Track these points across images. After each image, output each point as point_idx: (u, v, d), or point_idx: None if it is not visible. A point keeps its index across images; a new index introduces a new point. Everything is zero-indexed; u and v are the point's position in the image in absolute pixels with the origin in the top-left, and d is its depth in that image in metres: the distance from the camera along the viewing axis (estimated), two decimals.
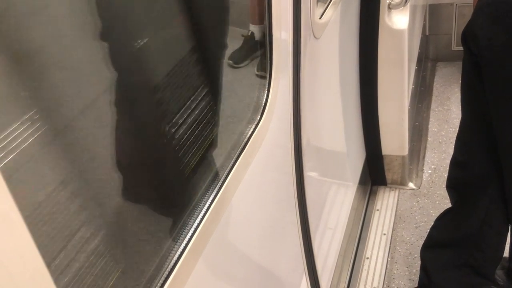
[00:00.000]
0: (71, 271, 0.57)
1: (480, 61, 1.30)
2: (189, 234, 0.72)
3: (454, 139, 1.55)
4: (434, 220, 1.68)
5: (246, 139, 0.91)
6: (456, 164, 1.55)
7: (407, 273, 1.93)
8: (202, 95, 0.88)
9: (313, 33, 1.26)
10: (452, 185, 1.58)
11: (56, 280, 0.45)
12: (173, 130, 0.78)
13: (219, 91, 0.96)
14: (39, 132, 0.58)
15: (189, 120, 0.82)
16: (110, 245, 0.65)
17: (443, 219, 1.64)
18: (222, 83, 0.97)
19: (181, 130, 0.80)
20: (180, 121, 0.80)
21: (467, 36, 1.33)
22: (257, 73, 1.04)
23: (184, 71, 0.84)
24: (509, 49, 1.22)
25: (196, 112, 0.85)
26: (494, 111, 1.33)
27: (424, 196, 2.26)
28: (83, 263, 0.59)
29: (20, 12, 0.55)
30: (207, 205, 0.76)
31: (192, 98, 0.84)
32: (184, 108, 0.81)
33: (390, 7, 1.87)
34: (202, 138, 0.86)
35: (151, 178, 0.73)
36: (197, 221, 0.74)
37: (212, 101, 0.91)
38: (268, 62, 0.99)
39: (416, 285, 1.77)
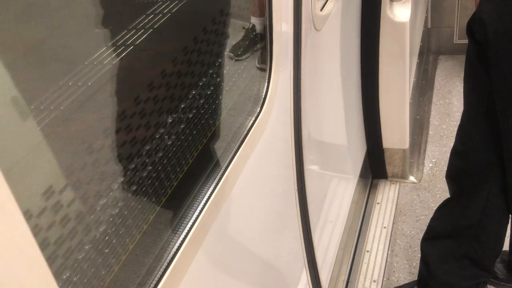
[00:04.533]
0: (70, 263, 0.57)
1: (486, 49, 1.29)
2: (188, 226, 0.72)
3: (456, 132, 1.55)
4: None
5: (246, 131, 0.90)
6: (456, 154, 1.55)
7: (407, 266, 1.93)
8: (204, 86, 0.87)
9: (314, 25, 1.25)
10: (452, 175, 1.58)
11: (54, 272, 0.45)
12: (173, 122, 0.78)
13: (221, 81, 0.96)
14: (39, 126, 0.58)
15: (190, 111, 0.82)
16: (109, 237, 0.65)
17: (442, 211, 1.64)
18: (223, 74, 0.97)
19: (181, 122, 0.80)
20: (181, 112, 0.80)
21: (473, 25, 1.32)
22: (258, 65, 1.03)
23: (186, 61, 0.83)
24: None
25: (197, 103, 0.85)
26: (499, 101, 1.33)
27: (424, 190, 2.26)
28: (82, 256, 0.59)
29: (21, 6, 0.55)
30: (206, 197, 0.76)
31: (193, 88, 0.84)
32: (185, 99, 0.81)
33: None
34: (202, 130, 0.85)
35: (150, 171, 0.73)
36: (196, 213, 0.74)
37: (213, 92, 0.91)
38: (269, 54, 0.98)
39: (416, 278, 1.78)
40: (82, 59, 0.65)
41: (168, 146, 0.76)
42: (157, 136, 0.74)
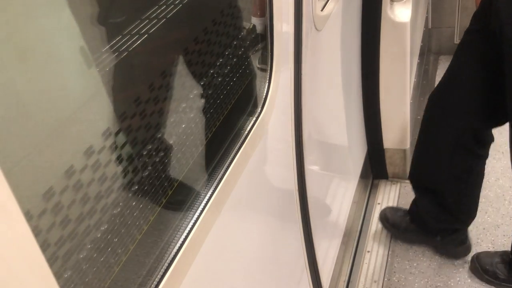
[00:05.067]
0: (71, 263, 0.57)
1: (499, 38, 1.30)
2: (189, 227, 0.72)
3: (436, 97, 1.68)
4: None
5: (246, 132, 0.90)
6: (432, 118, 1.69)
7: (407, 266, 1.93)
8: (205, 86, 0.87)
9: (315, 26, 1.25)
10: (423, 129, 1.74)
11: (55, 273, 0.45)
12: (174, 121, 0.78)
13: (222, 82, 0.96)
14: (39, 125, 0.57)
15: (191, 111, 0.82)
16: (111, 238, 0.65)
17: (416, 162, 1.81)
18: (225, 74, 0.97)
19: (182, 122, 0.80)
20: (182, 112, 0.80)
21: (489, 12, 1.33)
22: (258, 66, 1.03)
23: (187, 61, 0.83)
24: None
25: (197, 103, 0.85)
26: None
27: None
28: (83, 256, 0.59)
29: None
30: (207, 197, 0.76)
31: (195, 88, 0.84)
32: (186, 99, 0.81)
33: None
34: (204, 129, 0.85)
35: (151, 171, 0.73)
36: (197, 214, 0.74)
37: (214, 92, 0.90)
38: (269, 54, 0.98)
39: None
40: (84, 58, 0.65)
41: (169, 145, 0.76)
42: (158, 136, 0.74)
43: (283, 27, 1.00)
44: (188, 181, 0.80)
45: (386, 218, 2.02)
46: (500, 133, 1.75)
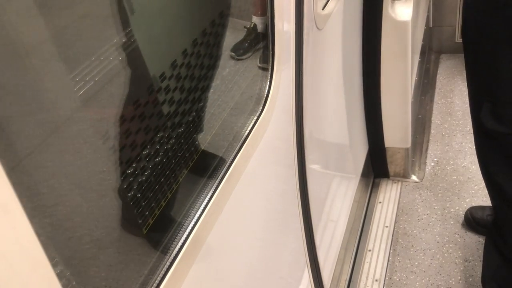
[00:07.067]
0: (74, 262, 0.57)
1: None
2: (190, 226, 0.72)
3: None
4: (437, 212, 1.65)
5: (247, 131, 0.90)
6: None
7: (409, 265, 1.93)
8: (207, 86, 0.87)
9: (316, 24, 1.25)
10: None
11: (57, 272, 0.45)
12: (176, 121, 0.78)
13: (224, 80, 0.96)
14: (40, 125, 0.57)
15: (193, 111, 0.82)
16: (112, 237, 0.65)
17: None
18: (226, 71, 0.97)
19: (184, 121, 0.80)
20: (184, 113, 0.80)
21: None
22: (259, 65, 1.03)
23: (186, 64, 0.83)
24: None
25: (196, 106, 0.85)
26: None
27: (426, 189, 2.26)
28: (85, 255, 0.59)
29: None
30: (208, 196, 0.76)
31: (197, 89, 0.84)
32: (185, 100, 0.81)
33: None
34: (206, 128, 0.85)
35: (152, 169, 0.73)
36: (198, 213, 0.74)
37: (212, 93, 0.90)
38: (270, 53, 0.98)
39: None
40: (84, 58, 0.65)
41: (170, 145, 0.76)
42: (159, 135, 0.74)
43: (284, 26, 1.00)
44: (190, 180, 0.80)
45: (475, 219, 1.93)
46: None
